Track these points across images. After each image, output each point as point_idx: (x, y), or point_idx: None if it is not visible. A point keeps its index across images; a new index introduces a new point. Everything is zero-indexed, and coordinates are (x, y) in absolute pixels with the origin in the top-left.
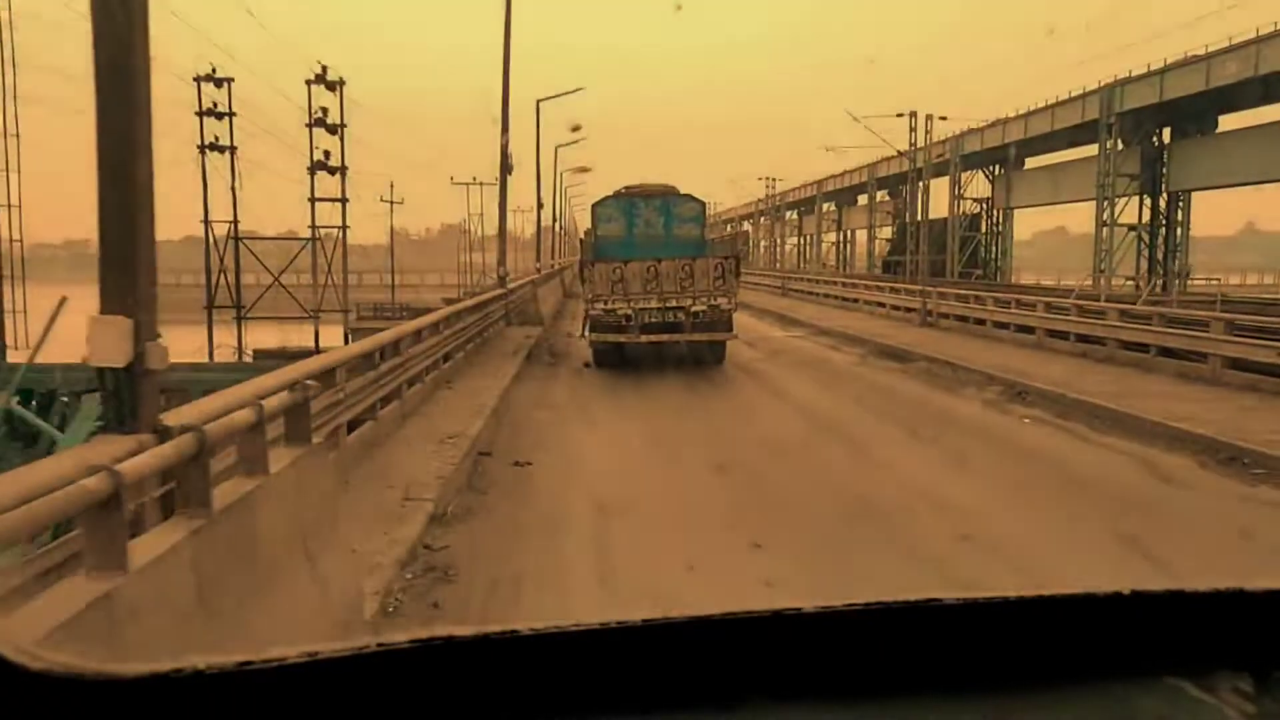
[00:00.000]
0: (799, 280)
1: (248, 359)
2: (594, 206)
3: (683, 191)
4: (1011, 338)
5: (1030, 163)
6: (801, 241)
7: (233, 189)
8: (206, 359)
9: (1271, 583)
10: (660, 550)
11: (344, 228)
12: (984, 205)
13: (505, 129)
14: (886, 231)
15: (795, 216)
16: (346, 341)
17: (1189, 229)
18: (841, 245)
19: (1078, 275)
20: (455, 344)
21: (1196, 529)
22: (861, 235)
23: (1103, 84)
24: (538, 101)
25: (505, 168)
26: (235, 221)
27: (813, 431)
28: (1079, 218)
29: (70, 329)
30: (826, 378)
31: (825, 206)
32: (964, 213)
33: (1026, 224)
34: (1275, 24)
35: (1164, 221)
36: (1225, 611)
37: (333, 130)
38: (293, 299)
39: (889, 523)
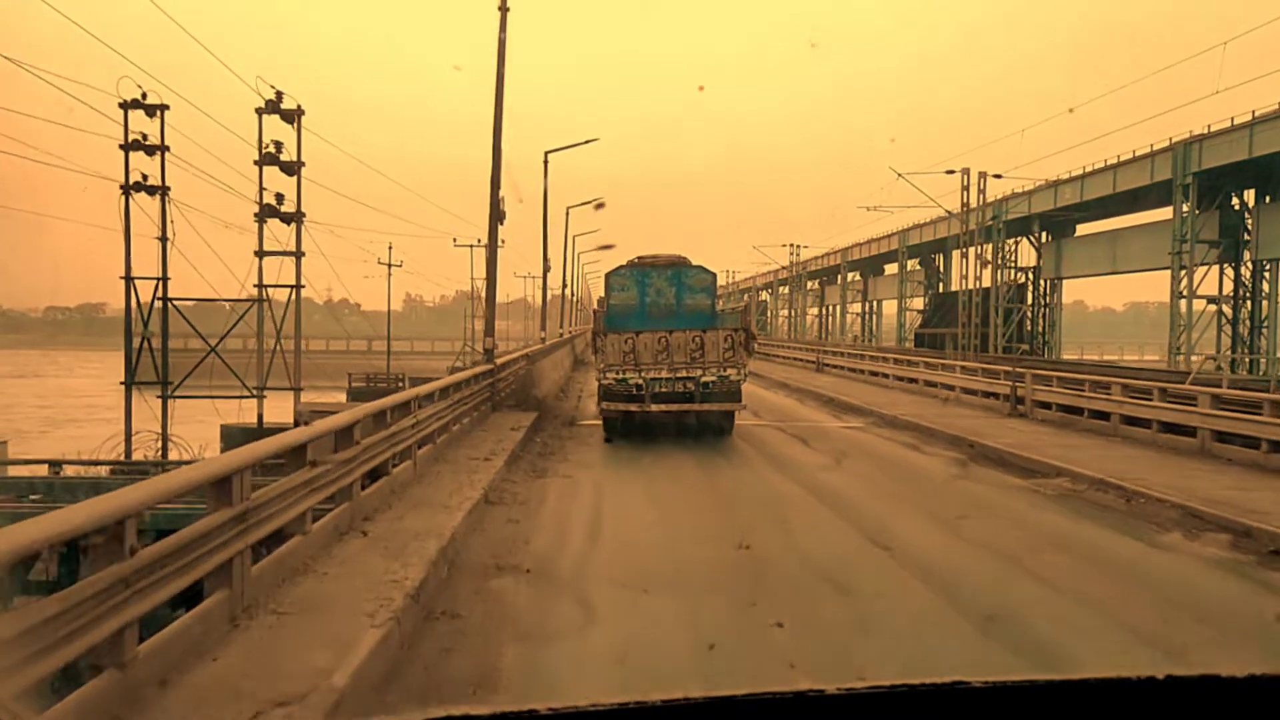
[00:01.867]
0: (835, 354)
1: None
2: (607, 276)
3: (695, 262)
4: (1152, 438)
5: (1082, 229)
6: (823, 311)
7: (162, 238)
8: (123, 456)
9: None
10: None
11: (298, 286)
12: (1029, 274)
13: (496, 173)
14: (917, 303)
15: (817, 285)
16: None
17: (1277, 302)
18: (868, 316)
19: (1128, 350)
20: (387, 452)
21: None
22: (888, 306)
23: (1175, 140)
24: (546, 153)
25: (495, 215)
26: (164, 279)
27: (979, 641)
28: (1108, 290)
29: None
30: (932, 503)
31: (850, 275)
32: (1008, 282)
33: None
34: None
35: (1248, 294)
36: (1261, 697)
37: (288, 170)
38: (278, 366)
39: None
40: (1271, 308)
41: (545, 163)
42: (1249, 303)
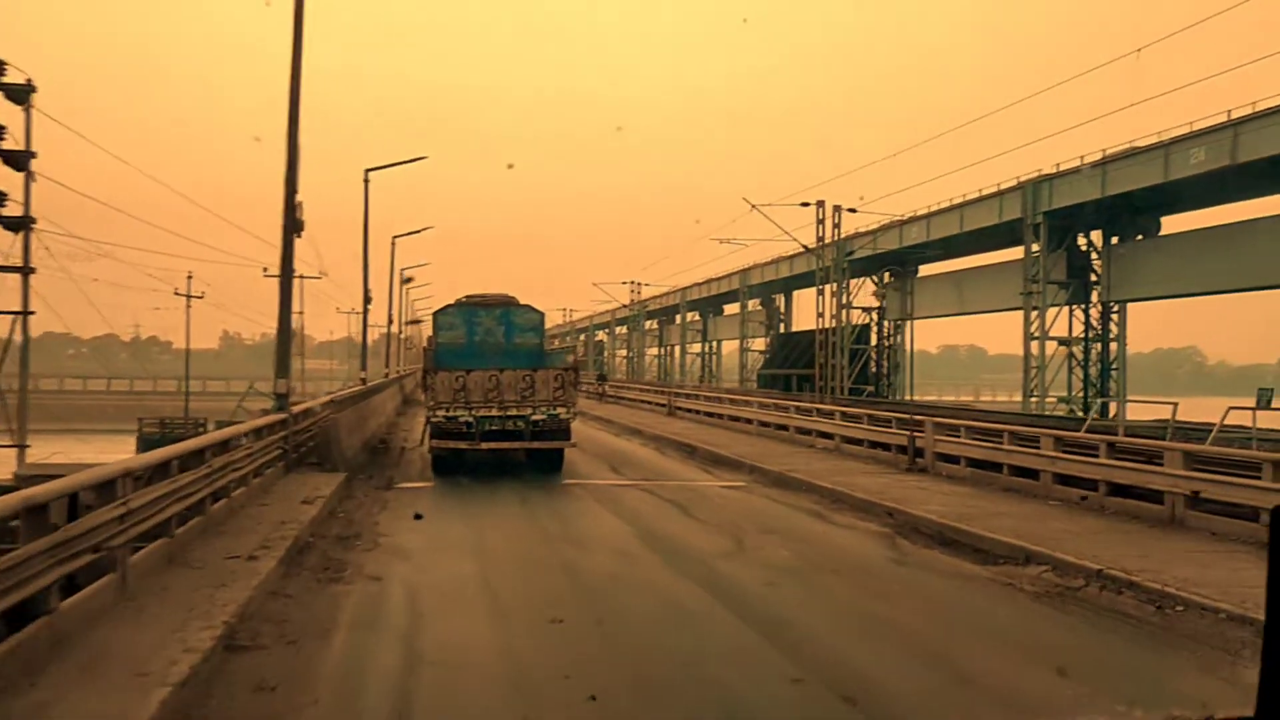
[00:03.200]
0: (689, 397)
1: None
2: (435, 315)
3: (523, 302)
4: (1100, 503)
5: (925, 270)
6: (662, 352)
7: None
8: None
9: None
10: None
11: (25, 313)
12: (873, 315)
13: (292, 174)
14: (758, 343)
15: (655, 325)
16: None
17: (1125, 344)
18: (708, 356)
19: (964, 391)
20: (53, 572)
21: None
22: (728, 346)
23: (1024, 179)
24: (366, 172)
25: (291, 223)
26: None
27: None
28: (958, 331)
29: None
30: (899, 618)
31: (690, 315)
32: (853, 323)
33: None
34: (1254, 104)
35: (1097, 335)
36: None
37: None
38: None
39: None
40: (1120, 350)
41: (366, 181)
42: (1099, 345)
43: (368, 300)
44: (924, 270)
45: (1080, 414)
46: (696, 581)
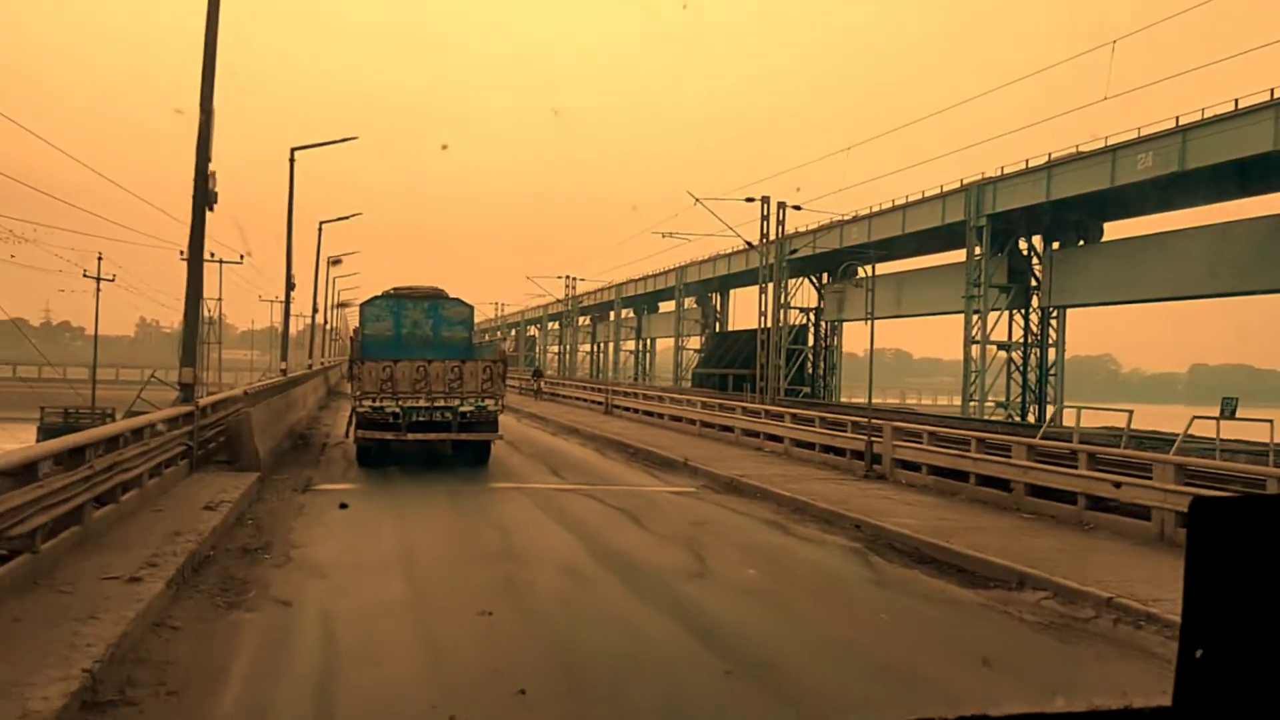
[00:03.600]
0: (628, 395)
1: None
2: (362, 306)
3: (451, 295)
4: (1077, 516)
5: (864, 271)
6: (594, 348)
7: None
8: None
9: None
10: None
11: None
12: (810, 316)
13: (205, 139)
14: (693, 341)
15: (588, 321)
16: None
17: (1064, 350)
18: (641, 354)
19: (889, 395)
20: None
21: None
22: (662, 344)
23: (966, 182)
24: (292, 150)
25: (203, 198)
26: None
27: None
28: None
29: None
30: (906, 656)
31: (624, 312)
32: (790, 324)
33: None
34: (1203, 111)
35: (1036, 340)
36: None
37: None
38: None
39: None
40: (1059, 355)
41: (291, 160)
42: (1037, 350)
43: (290, 285)
44: (863, 271)
45: (1017, 419)
46: (660, 608)
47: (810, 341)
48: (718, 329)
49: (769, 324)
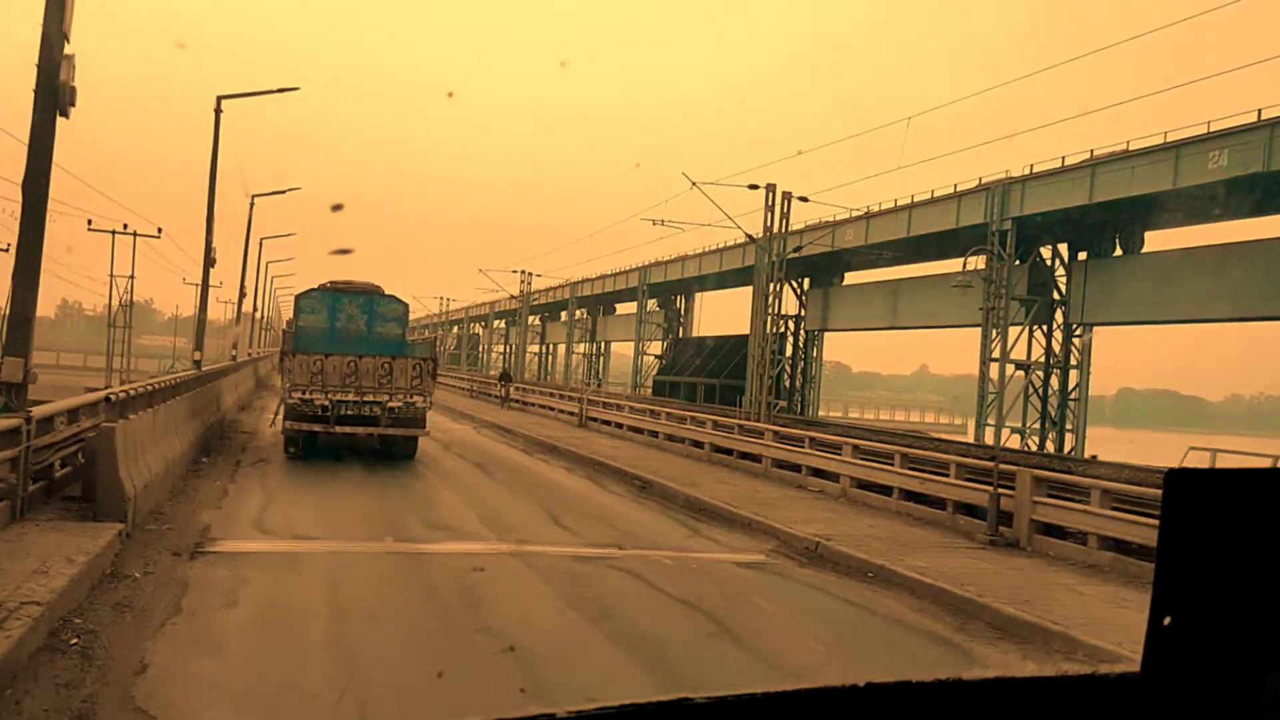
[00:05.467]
0: (611, 407)
1: None
2: (297, 298)
3: (387, 291)
4: None
5: (853, 277)
6: (543, 350)
7: None
8: None
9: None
10: None
11: None
12: (789, 324)
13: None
14: (654, 346)
15: (538, 321)
16: None
17: (1088, 372)
18: (594, 358)
19: (865, 411)
20: None
21: None
22: (617, 349)
23: (985, 181)
24: (218, 98)
25: (52, 98)
26: None
27: None
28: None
29: None
30: None
31: (578, 313)
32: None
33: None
34: None
35: (1059, 361)
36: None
37: None
38: None
39: None
40: (1083, 378)
41: (218, 111)
42: (1058, 371)
43: (210, 261)
44: (851, 278)
45: (1032, 447)
46: None
47: (788, 351)
48: (681, 334)
49: (767, 327)
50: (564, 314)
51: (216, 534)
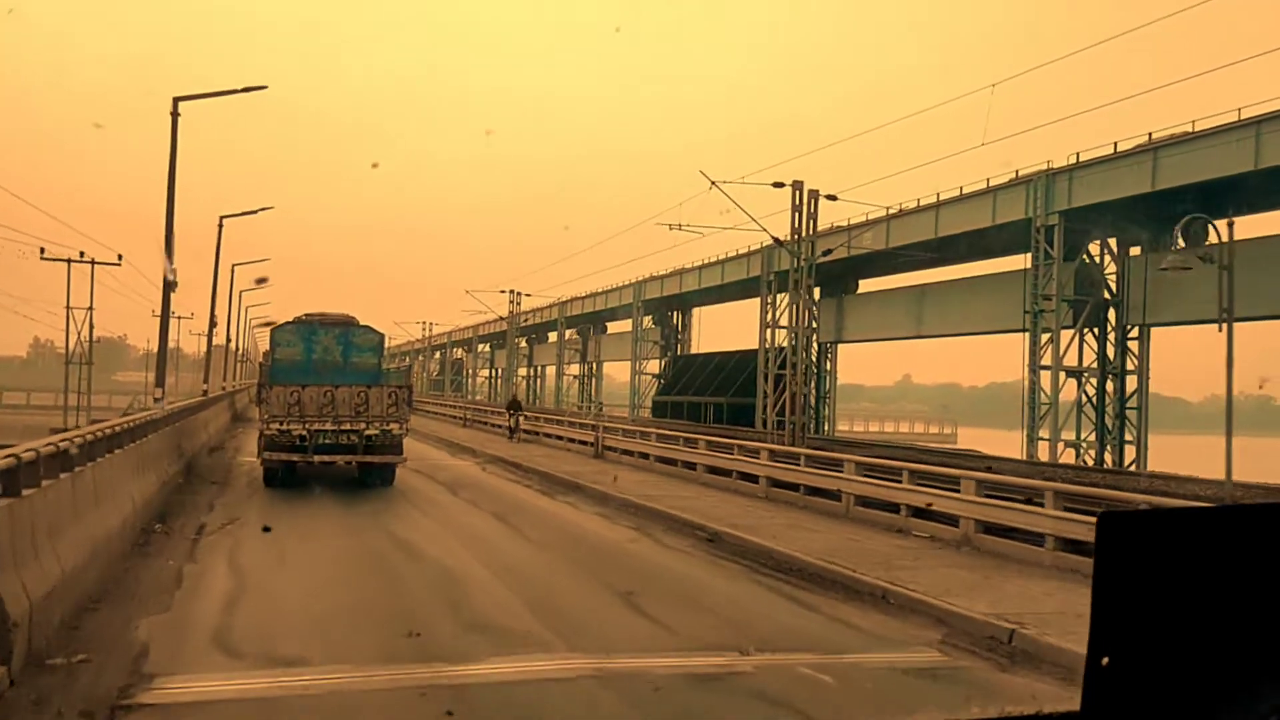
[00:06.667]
0: (626, 435)
1: None
2: (273, 331)
3: (362, 322)
4: None
5: (866, 285)
6: (531, 373)
7: None
8: None
9: None
10: None
11: None
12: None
13: None
14: (651, 365)
15: (524, 344)
16: None
17: (1147, 377)
18: (586, 380)
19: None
20: None
21: None
22: (610, 369)
23: (1023, 173)
24: (175, 101)
25: None
26: None
27: None
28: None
29: None
30: None
31: (568, 333)
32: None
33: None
34: None
35: (1113, 368)
36: None
37: None
38: None
39: None
40: (1141, 384)
41: (175, 114)
42: (1111, 378)
43: (170, 285)
44: (865, 285)
45: (1088, 462)
46: None
47: (800, 366)
48: (679, 351)
49: (798, 340)
50: (552, 335)
51: (156, 665)
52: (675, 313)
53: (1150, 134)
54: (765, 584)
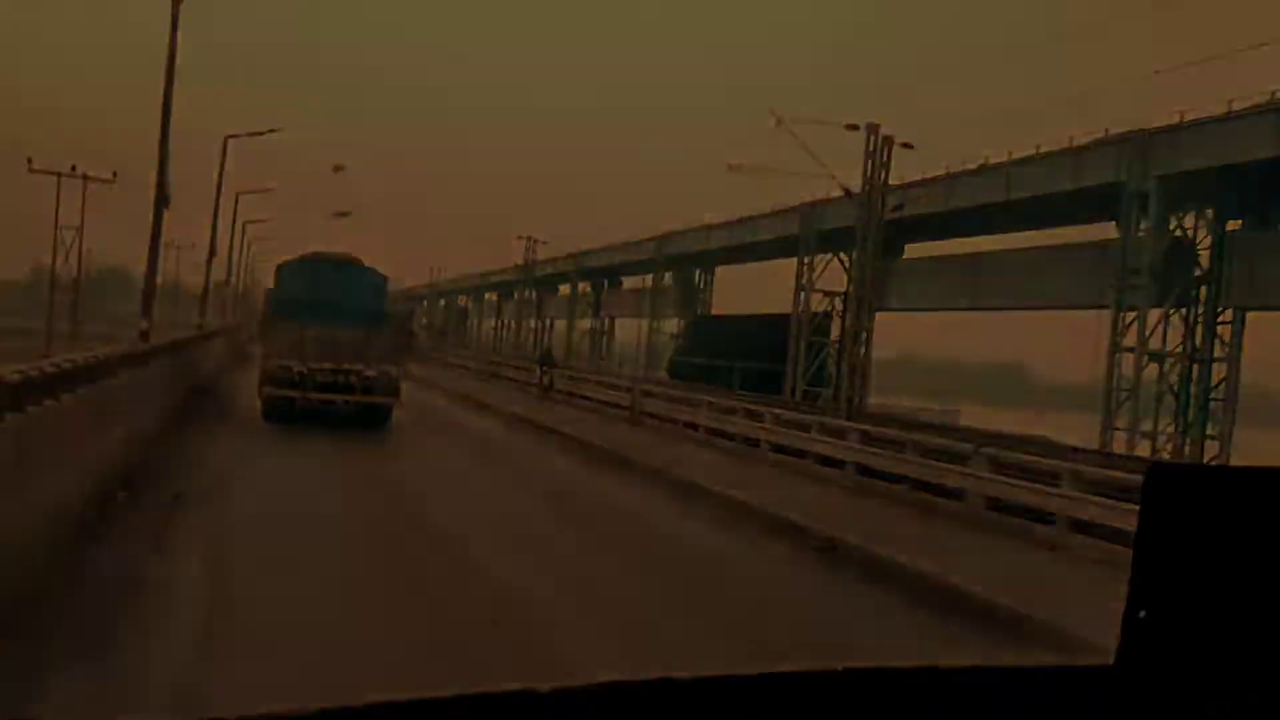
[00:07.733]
0: (673, 402)
1: None
2: (278, 268)
3: (366, 264)
4: None
5: (911, 250)
6: (539, 325)
7: None
8: None
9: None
10: None
11: None
12: (837, 303)
13: None
14: (667, 325)
15: (529, 294)
16: None
17: (1238, 366)
18: (598, 335)
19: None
20: None
21: None
22: (621, 326)
23: (1133, 131)
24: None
25: None
26: None
27: None
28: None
29: None
30: None
31: (581, 287)
32: (810, 311)
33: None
34: None
35: (1202, 353)
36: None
37: None
38: None
39: None
40: (1231, 373)
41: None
42: (1196, 365)
43: (164, 199)
44: (911, 250)
45: (1166, 455)
46: None
47: (834, 334)
48: (699, 312)
49: (861, 305)
50: (562, 288)
51: None
52: (698, 271)
53: (1274, 92)
54: (920, 621)
